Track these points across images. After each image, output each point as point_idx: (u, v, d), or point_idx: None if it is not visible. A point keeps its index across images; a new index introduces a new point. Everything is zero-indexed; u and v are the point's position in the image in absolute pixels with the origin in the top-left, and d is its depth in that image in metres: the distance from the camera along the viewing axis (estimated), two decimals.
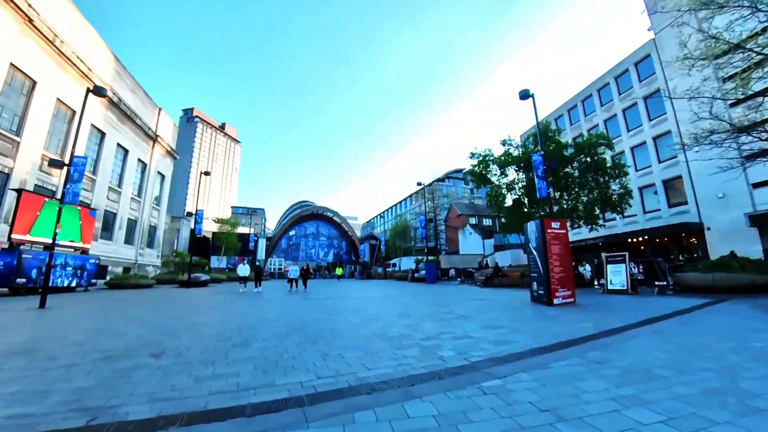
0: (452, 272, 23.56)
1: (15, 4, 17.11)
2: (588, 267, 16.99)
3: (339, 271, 42.50)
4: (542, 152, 13.45)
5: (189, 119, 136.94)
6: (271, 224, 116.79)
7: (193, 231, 54.60)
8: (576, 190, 20.38)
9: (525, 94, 13.66)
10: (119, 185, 28.21)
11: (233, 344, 5.42)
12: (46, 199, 16.68)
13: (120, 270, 27.95)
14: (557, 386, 3.42)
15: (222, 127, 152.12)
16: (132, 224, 30.41)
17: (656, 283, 12.42)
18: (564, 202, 20.76)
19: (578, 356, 4.52)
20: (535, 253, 10.31)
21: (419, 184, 26.02)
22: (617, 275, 13.16)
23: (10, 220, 16.06)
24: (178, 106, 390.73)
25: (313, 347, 5.19)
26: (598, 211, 20.26)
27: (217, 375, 3.93)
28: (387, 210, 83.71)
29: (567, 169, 20.44)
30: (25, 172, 18.92)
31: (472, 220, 48.46)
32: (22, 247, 15.51)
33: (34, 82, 19.27)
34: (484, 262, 27.57)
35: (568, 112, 33.66)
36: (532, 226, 10.59)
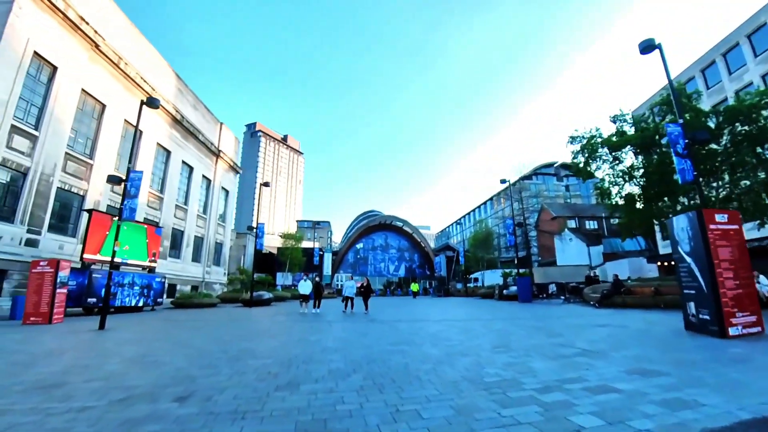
0: (552, 288, 20.84)
1: (83, 32, 19.76)
2: (764, 279, 13.32)
3: (415, 287, 40.51)
4: (681, 121, 10.85)
5: (252, 134, 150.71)
6: (338, 238, 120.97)
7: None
8: (728, 171, 16.58)
9: (648, 45, 11.26)
10: (185, 203, 31.08)
11: (277, 386, 4.63)
12: (115, 218, 18.62)
13: (188, 288, 30.56)
14: None
15: (284, 140, 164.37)
16: (199, 242, 33.25)
17: None
18: (711, 189, 17.01)
19: None
20: (689, 259, 8.00)
21: (503, 181, 23.80)
22: None
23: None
24: (240, 121, 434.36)
25: (380, 396, 4.14)
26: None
27: None
28: (464, 216, 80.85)
29: (710, 146, 16.75)
30: (98, 193, 21.58)
31: (571, 223, 43.77)
32: (93, 266, 17.44)
33: (104, 106, 22.06)
34: (593, 274, 24.12)
35: (702, 73, 28.45)
36: (681, 222, 8.30)
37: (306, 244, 58.86)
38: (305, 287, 17.57)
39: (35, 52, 17.69)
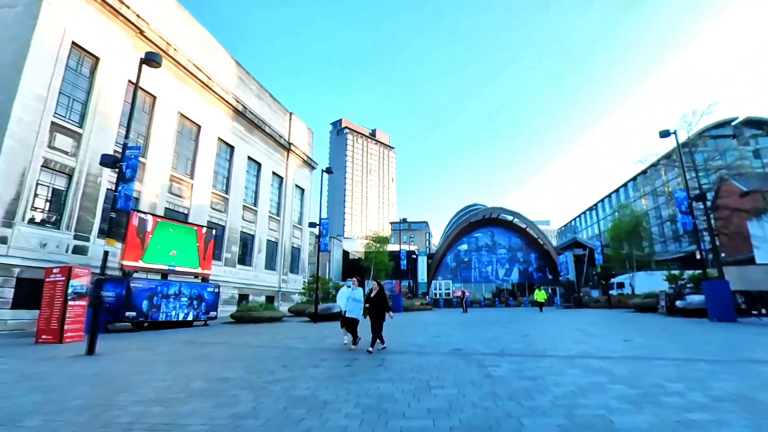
0: None
1: (123, 17, 19.58)
2: None
3: (540, 295, 30.80)
4: None
5: (339, 132, 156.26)
6: (438, 240, 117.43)
7: (346, 253, 58.08)
8: None
9: None
10: (255, 203, 30.63)
11: None
12: (159, 220, 17.81)
13: (262, 299, 29.92)
14: None
15: (373, 135, 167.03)
16: (272, 247, 32.69)
17: None
18: None
19: None
20: None
21: (665, 135, 16.89)
22: None
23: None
24: (325, 119, 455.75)
25: None
26: None
27: None
28: (597, 203, 69.85)
29: None
30: (154, 195, 21.41)
31: None
32: (135, 274, 16.68)
33: (154, 98, 21.92)
34: None
35: None
36: None
37: (402, 248, 56.53)
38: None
39: (74, 43, 17.73)
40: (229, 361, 8.30)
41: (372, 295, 9.50)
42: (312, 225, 23.07)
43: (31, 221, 16.14)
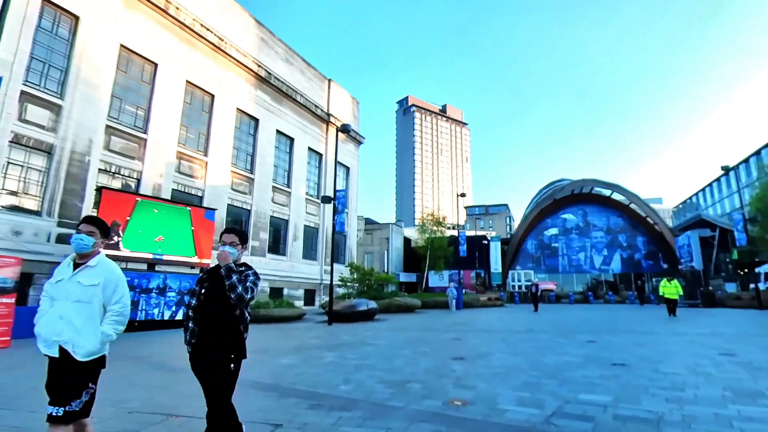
0: None
1: None
2: None
3: (670, 289, 19.72)
4: None
5: (405, 111, 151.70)
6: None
7: (407, 241, 54.51)
8: None
9: None
10: (288, 184, 28.31)
11: None
12: (138, 199, 15.73)
13: (301, 292, 27.76)
14: None
15: (443, 111, 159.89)
16: (311, 233, 30.27)
17: None
18: None
19: None
20: None
21: None
22: None
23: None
24: (391, 99, 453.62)
25: None
26: None
27: None
28: (731, 170, 57.81)
29: None
30: (158, 175, 19.66)
31: None
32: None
33: (155, 65, 20.06)
34: None
35: None
36: None
37: (466, 231, 51.77)
38: None
39: None
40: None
41: None
42: (326, 199, 19.71)
43: (3, 206, 14.94)
